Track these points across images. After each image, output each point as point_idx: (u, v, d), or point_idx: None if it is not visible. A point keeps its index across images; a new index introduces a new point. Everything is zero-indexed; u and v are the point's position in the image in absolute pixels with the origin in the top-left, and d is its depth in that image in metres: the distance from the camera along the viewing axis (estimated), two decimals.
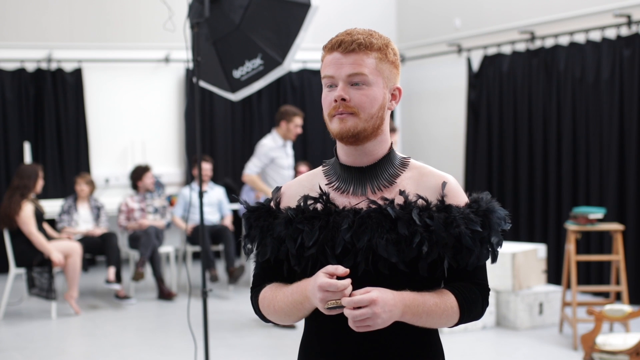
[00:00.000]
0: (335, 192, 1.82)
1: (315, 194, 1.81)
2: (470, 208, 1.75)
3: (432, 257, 1.72)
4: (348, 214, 1.75)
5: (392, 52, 1.79)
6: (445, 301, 1.73)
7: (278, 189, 1.89)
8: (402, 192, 1.76)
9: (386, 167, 1.80)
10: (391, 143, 1.84)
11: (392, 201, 1.75)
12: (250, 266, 7.99)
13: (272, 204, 1.86)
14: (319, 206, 1.78)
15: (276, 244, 1.80)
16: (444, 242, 1.71)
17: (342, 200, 1.80)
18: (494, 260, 1.78)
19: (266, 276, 1.87)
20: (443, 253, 1.71)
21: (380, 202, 1.75)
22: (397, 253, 1.71)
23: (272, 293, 1.81)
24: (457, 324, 1.78)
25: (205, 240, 4.34)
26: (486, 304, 1.80)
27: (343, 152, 1.83)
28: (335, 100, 1.76)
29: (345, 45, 1.75)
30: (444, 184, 1.78)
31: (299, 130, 6.54)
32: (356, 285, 1.72)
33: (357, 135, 1.76)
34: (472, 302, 1.75)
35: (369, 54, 1.75)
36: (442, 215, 1.72)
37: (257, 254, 1.85)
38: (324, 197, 1.79)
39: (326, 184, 1.83)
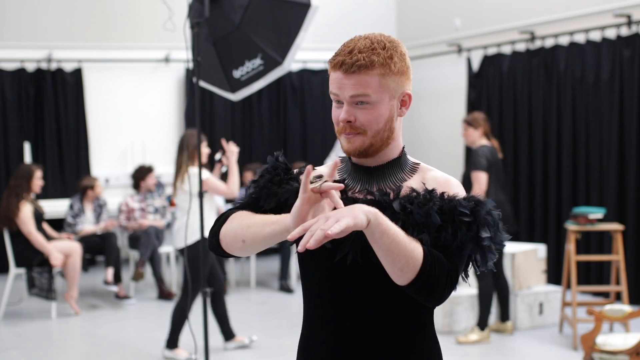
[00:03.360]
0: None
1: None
2: (464, 198, 1.74)
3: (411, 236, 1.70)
4: (345, 202, 1.75)
5: (398, 62, 1.77)
6: (413, 243, 1.65)
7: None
8: (397, 187, 1.78)
9: (394, 170, 1.82)
10: (403, 147, 1.86)
11: (386, 193, 1.76)
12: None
13: (295, 170, 1.89)
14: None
15: (280, 204, 1.82)
16: (421, 222, 1.69)
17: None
18: (483, 262, 1.73)
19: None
20: (422, 231, 1.69)
21: (377, 192, 1.77)
22: None
23: (251, 214, 1.80)
24: (415, 281, 1.65)
25: (203, 241, 4.34)
26: (450, 284, 1.70)
27: None
28: (342, 122, 1.78)
29: (346, 67, 1.74)
30: (423, 183, 1.78)
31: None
32: (346, 276, 1.76)
33: (366, 152, 1.79)
34: (438, 261, 1.67)
35: (371, 73, 1.74)
36: (422, 199, 1.72)
37: (254, 193, 1.87)
38: (342, 184, 1.80)
39: (337, 180, 1.86)
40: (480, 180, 5.47)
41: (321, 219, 1.57)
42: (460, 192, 1.78)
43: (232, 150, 5.37)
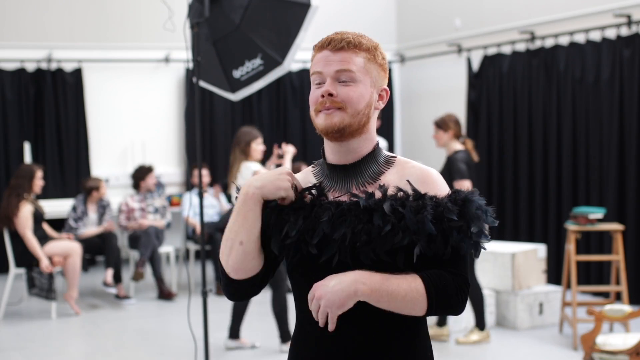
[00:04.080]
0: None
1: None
2: (450, 198, 1.75)
3: (402, 243, 1.71)
4: (329, 206, 1.77)
5: (380, 56, 1.84)
6: (409, 283, 1.70)
7: None
8: (381, 186, 1.78)
9: (370, 164, 1.83)
10: (377, 142, 1.87)
11: (371, 194, 1.77)
12: None
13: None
14: (307, 198, 1.82)
15: (263, 229, 1.82)
16: (414, 229, 1.70)
17: (329, 197, 1.83)
18: (476, 253, 1.76)
19: None
20: (416, 240, 1.71)
21: (361, 195, 1.77)
22: (372, 244, 1.72)
23: (225, 235, 1.82)
24: (429, 312, 1.73)
25: (204, 240, 4.35)
26: (463, 295, 1.75)
27: (329, 151, 1.87)
28: (323, 96, 1.79)
29: (335, 43, 1.80)
30: (408, 181, 1.79)
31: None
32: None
33: (343, 131, 1.79)
34: (442, 287, 1.71)
35: (358, 53, 1.80)
36: (414, 204, 1.73)
37: None
38: (318, 187, 1.83)
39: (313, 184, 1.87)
40: (466, 188, 5.41)
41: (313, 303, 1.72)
42: (442, 187, 1.80)
43: (289, 150, 5.55)
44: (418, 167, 1.84)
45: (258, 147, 5.44)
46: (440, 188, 1.79)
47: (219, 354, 5.40)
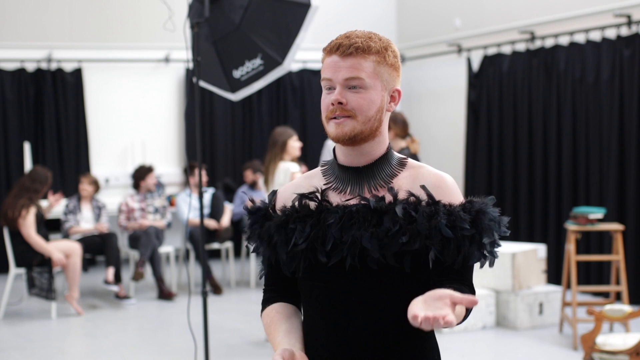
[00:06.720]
0: (333, 192, 1.83)
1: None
2: (463, 207, 1.74)
3: (412, 248, 1.70)
4: (337, 210, 1.76)
5: (391, 55, 1.81)
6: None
7: (274, 192, 1.91)
8: (390, 189, 1.77)
9: (383, 167, 1.82)
10: (389, 144, 1.86)
11: (382, 197, 1.76)
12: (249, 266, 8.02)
13: (269, 208, 1.89)
14: (312, 205, 1.80)
15: (272, 249, 1.84)
16: (425, 234, 1.70)
17: (339, 200, 1.81)
18: (491, 264, 1.77)
19: (272, 276, 1.93)
20: (429, 245, 1.70)
21: (371, 198, 1.76)
22: (380, 246, 1.71)
23: (268, 323, 1.92)
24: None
25: (204, 241, 4.35)
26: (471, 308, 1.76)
27: (341, 153, 1.85)
28: (333, 104, 1.78)
29: (343, 48, 1.77)
30: (423, 187, 1.78)
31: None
32: (345, 280, 1.76)
33: (354, 138, 1.78)
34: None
35: (367, 58, 1.77)
36: (427, 209, 1.72)
37: (257, 256, 1.88)
38: (318, 194, 1.81)
39: (324, 184, 1.85)
40: None
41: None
42: (456, 194, 1.78)
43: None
44: (432, 172, 1.82)
45: (295, 144, 5.45)
46: (454, 195, 1.78)
47: (219, 354, 5.40)
